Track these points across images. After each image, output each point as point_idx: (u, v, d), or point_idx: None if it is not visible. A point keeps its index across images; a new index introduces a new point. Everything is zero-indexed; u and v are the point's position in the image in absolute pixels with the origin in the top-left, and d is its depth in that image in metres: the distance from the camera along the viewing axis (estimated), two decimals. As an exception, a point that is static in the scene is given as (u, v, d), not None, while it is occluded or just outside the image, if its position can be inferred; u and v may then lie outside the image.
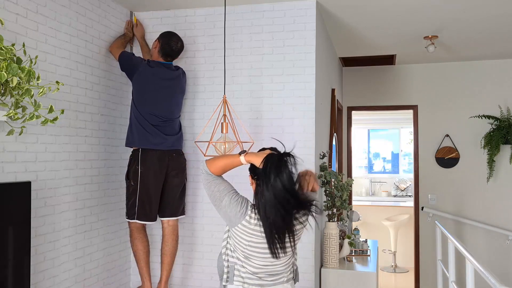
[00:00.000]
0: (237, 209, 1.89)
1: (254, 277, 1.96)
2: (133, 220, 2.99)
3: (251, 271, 1.95)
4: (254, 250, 1.92)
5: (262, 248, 1.92)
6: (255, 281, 1.96)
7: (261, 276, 1.96)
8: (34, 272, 2.42)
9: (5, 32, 2.21)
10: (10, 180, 2.26)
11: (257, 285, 1.96)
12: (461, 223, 5.26)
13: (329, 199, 3.48)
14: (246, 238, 1.91)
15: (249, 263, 1.95)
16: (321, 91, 3.52)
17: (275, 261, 1.95)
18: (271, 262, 1.94)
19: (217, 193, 1.93)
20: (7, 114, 1.98)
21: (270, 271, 1.97)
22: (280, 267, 1.98)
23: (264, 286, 1.97)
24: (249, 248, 1.92)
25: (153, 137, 2.97)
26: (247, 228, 1.89)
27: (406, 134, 8.08)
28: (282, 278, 2.00)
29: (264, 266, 1.95)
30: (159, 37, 3.13)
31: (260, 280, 1.96)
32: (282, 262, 1.98)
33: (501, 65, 5.22)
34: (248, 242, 1.91)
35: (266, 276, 1.97)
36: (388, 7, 3.37)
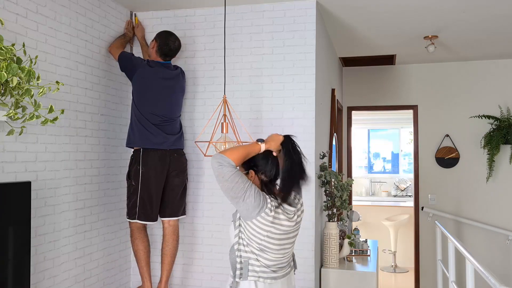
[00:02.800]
0: (260, 199, 1.91)
1: (268, 270, 1.98)
2: (134, 220, 2.99)
3: (266, 264, 1.98)
4: (271, 242, 1.95)
5: (279, 240, 1.96)
6: (269, 274, 1.98)
7: (274, 270, 2.00)
8: (34, 272, 2.42)
9: (5, 32, 2.21)
10: (10, 180, 2.26)
11: (271, 278, 1.98)
12: (461, 223, 5.26)
13: (329, 199, 3.48)
14: (265, 229, 1.93)
15: (264, 256, 1.97)
16: (321, 91, 3.52)
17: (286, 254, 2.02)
18: (283, 254, 2.01)
19: (242, 184, 1.89)
20: (7, 114, 1.98)
21: (281, 265, 2.03)
22: (287, 258, 2.06)
23: (277, 278, 2.01)
24: (266, 240, 1.94)
25: (155, 136, 2.98)
26: (267, 219, 1.92)
27: (406, 134, 8.08)
28: (288, 269, 2.07)
29: (277, 258, 2.00)
30: (156, 37, 3.13)
31: (274, 273, 1.99)
32: (289, 252, 2.05)
33: (501, 65, 5.22)
34: (267, 233, 1.93)
35: (278, 269, 2.01)
36: (388, 7, 3.37)
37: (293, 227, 2.01)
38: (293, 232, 2.02)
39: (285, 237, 1.99)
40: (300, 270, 3.15)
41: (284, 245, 2.00)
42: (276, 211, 1.94)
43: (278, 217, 1.95)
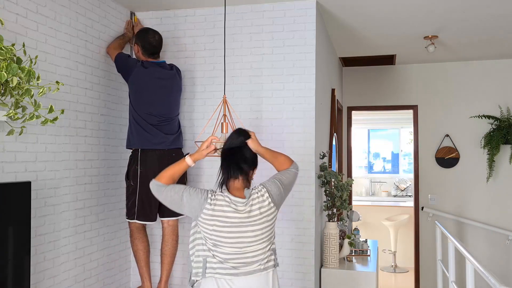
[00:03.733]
0: (198, 197, 2.00)
1: (225, 266, 1.99)
2: (133, 220, 2.99)
3: (222, 259, 1.99)
4: (220, 235, 1.98)
5: (227, 233, 1.97)
6: (228, 270, 1.98)
7: (234, 265, 1.99)
8: (34, 272, 2.42)
9: (5, 32, 2.21)
10: (10, 180, 2.26)
11: (230, 274, 1.98)
12: (461, 223, 5.26)
13: (329, 199, 3.48)
14: (210, 223, 1.98)
15: (218, 250, 2.00)
16: (321, 91, 3.52)
17: (246, 248, 1.99)
18: (240, 248, 1.98)
19: (175, 194, 2.02)
20: (7, 114, 1.98)
21: (243, 260, 2.00)
22: (252, 254, 2.01)
23: (239, 275, 1.98)
24: (214, 234, 1.98)
25: (153, 136, 2.97)
26: (209, 214, 1.98)
27: (406, 134, 8.08)
28: (258, 266, 2.02)
29: (233, 253, 1.99)
30: (136, 40, 3.12)
31: (233, 270, 1.98)
32: (254, 249, 2.01)
33: (501, 65, 5.22)
34: (212, 227, 1.98)
35: (240, 265, 1.99)
36: (388, 7, 3.37)
37: (246, 219, 1.98)
38: (248, 225, 1.99)
39: (236, 230, 1.97)
40: (300, 270, 3.15)
41: (239, 238, 1.98)
42: (218, 203, 1.99)
43: (222, 209, 1.98)
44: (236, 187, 2.06)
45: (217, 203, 2.00)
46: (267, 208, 2.04)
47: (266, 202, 2.04)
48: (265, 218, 2.03)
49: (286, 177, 2.13)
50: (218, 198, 2.02)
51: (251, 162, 2.10)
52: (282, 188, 2.09)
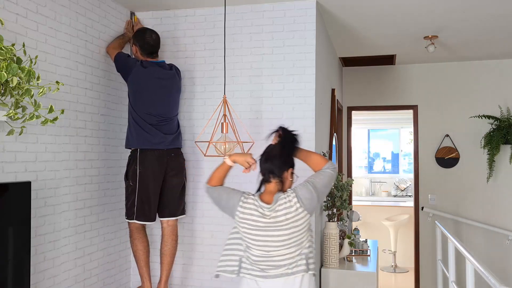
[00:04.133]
0: (234, 199, 2.11)
1: (255, 268, 2.06)
2: (132, 220, 2.99)
3: (253, 260, 2.07)
4: (250, 238, 2.06)
5: (255, 236, 2.04)
6: (257, 272, 2.05)
7: (263, 268, 2.05)
8: (34, 272, 2.42)
9: (5, 32, 2.21)
10: (10, 180, 2.26)
11: (259, 276, 2.04)
12: (461, 223, 5.26)
13: (329, 199, 3.48)
14: (242, 225, 2.08)
15: (250, 252, 2.07)
16: (321, 91, 3.52)
17: (273, 252, 2.03)
18: (267, 252, 2.03)
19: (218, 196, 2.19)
20: (7, 114, 1.98)
21: (270, 263, 2.04)
22: (280, 258, 2.03)
23: (267, 277, 2.03)
24: (246, 236, 2.07)
25: (152, 136, 2.97)
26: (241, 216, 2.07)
27: (406, 134, 8.08)
28: (286, 270, 2.03)
29: (261, 256, 2.05)
30: (133, 41, 3.12)
31: (262, 272, 2.04)
32: (281, 253, 2.03)
33: (501, 65, 5.22)
34: (243, 229, 2.08)
35: (268, 268, 2.04)
36: (388, 7, 3.37)
37: (272, 224, 2.01)
38: (274, 229, 2.01)
39: (263, 234, 2.02)
40: (300, 270, 3.15)
41: (266, 242, 2.02)
42: (247, 207, 2.07)
43: (250, 213, 2.05)
44: (269, 191, 2.11)
45: (246, 206, 2.07)
46: (295, 214, 2.02)
47: (294, 207, 2.02)
48: (292, 224, 2.02)
49: (320, 179, 2.08)
50: (248, 201, 2.09)
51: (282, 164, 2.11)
52: (314, 191, 2.04)
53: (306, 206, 2.03)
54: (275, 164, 2.10)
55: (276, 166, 2.10)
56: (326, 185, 2.10)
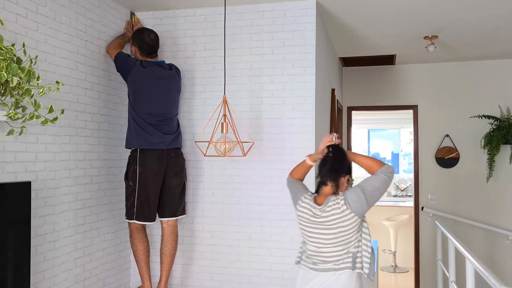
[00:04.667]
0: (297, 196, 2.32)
1: (309, 261, 2.27)
2: (132, 220, 2.99)
3: (308, 254, 2.28)
4: (304, 233, 2.27)
5: (308, 232, 2.24)
6: (309, 264, 2.26)
7: (314, 261, 2.24)
8: (34, 272, 2.42)
9: (5, 32, 2.21)
10: (10, 180, 2.26)
11: (310, 268, 2.26)
12: (461, 223, 5.26)
13: (329, 199, 3.48)
14: (299, 221, 2.29)
15: (306, 247, 2.29)
16: (321, 91, 3.52)
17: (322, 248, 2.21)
18: (318, 248, 2.22)
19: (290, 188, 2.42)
20: (7, 114, 1.98)
21: (320, 258, 2.23)
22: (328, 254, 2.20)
23: (317, 270, 2.23)
24: (303, 232, 2.28)
25: (152, 136, 2.97)
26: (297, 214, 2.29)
27: (406, 134, 8.09)
28: (332, 266, 2.20)
29: (314, 251, 2.24)
30: (132, 42, 3.12)
31: (313, 265, 2.25)
32: (329, 250, 2.20)
33: (501, 65, 5.22)
34: (300, 225, 2.28)
35: (318, 262, 2.23)
36: (388, 7, 3.37)
37: (321, 223, 2.19)
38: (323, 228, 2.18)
39: (314, 231, 2.21)
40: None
41: (316, 239, 2.21)
42: (303, 205, 2.26)
43: (305, 211, 2.25)
44: (325, 193, 2.26)
45: (303, 205, 2.26)
46: (342, 215, 2.15)
47: (341, 209, 2.15)
48: (339, 224, 2.15)
49: (371, 183, 2.19)
50: (305, 201, 2.27)
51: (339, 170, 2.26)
52: (363, 195, 2.16)
53: (353, 208, 2.15)
54: (333, 169, 2.25)
55: (334, 171, 2.25)
56: (377, 189, 2.19)
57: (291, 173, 2.48)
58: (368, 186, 2.18)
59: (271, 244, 3.20)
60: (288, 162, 3.18)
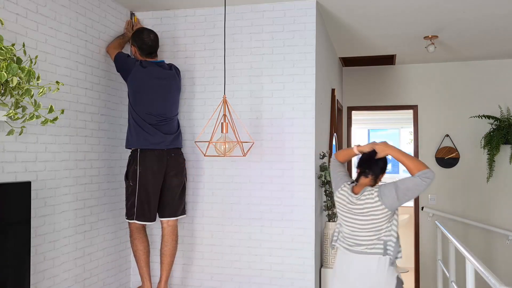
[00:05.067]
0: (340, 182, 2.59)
1: (345, 241, 2.52)
2: (132, 220, 2.99)
3: (343, 236, 2.54)
4: (341, 217, 2.55)
5: (345, 217, 2.51)
6: (345, 245, 2.52)
7: (349, 243, 2.50)
8: (34, 272, 2.42)
9: (5, 32, 2.21)
10: (10, 180, 2.26)
11: (345, 248, 2.51)
12: (461, 223, 5.26)
13: (329, 199, 3.48)
14: (337, 206, 2.57)
15: (342, 229, 2.56)
16: (321, 91, 3.52)
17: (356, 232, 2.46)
18: (352, 231, 2.48)
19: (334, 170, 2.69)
20: (7, 114, 1.98)
21: (354, 241, 2.48)
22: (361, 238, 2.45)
23: (351, 251, 2.48)
24: (339, 215, 2.56)
25: (152, 136, 2.97)
26: (336, 199, 2.57)
27: (406, 134, 8.08)
28: (365, 249, 2.44)
29: (349, 233, 2.50)
30: (132, 42, 3.12)
31: (348, 246, 2.50)
32: (363, 235, 2.45)
33: (501, 65, 5.22)
34: (338, 210, 2.56)
35: (352, 245, 2.48)
36: (388, 7, 3.37)
37: (356, 210, 2.44)
38: (357, 214, 2.44)
39: (349, 216, 2.48)
40: (300, 270, 3.15)
41: (351, 223, 2.47)
42: (342, 193, 2.54)
43: (342, 198, 2.52)
44: (362, 183, 2.52)
45: (342, 192, 2.54)
46: (374, 206, 2.39)
47: (374, 200, 2.39)
48: (372, 213, 2.40)
49: (405, 183, 2.38)
50: (344, 189, 2.54)
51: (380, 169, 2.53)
52: (395, 191, 2.37)
53: (385, 202, 2.38)
54: (378, 165, 2.52)
55: (378, 167, 2.53)
56: (409, 189, 2.37)
57: (336, 155, 2.76)
58: (402, 185, 2.38)
59: (271, 244, 3.20)
60: (288, 162, 3.18)
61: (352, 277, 2.47)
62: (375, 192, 2.41)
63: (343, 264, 2.53)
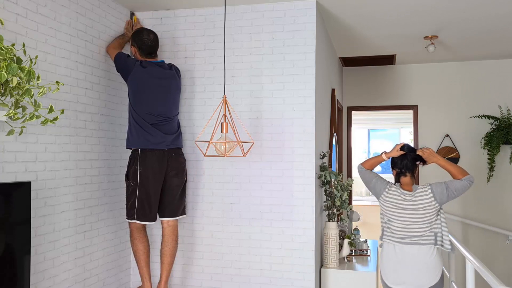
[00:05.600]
0: (382, 184, 3.02)
1: (395, 235, 2.92)
2: (133, 220, 2.99)
3: (394, 230, 2.93)
4: (392, 214, 2.94)
5: (397, 213, 2.91)
6: (397, 239, 2.91)
7: (402, 236, 2.89)
8: (34, 272, 2.42)
9: (5, 32, 2.21)
10: (10, 180, 2.26)
11: (397, 242, 2.90)
12: (461, 223, 5.27)
13: (329, 199, 3.48)
14: (386, 205, 2.97)
15: (391, 224, 2.95)
16: (321, 91, 3.52)
17: (410, 225, 2.86)
18: (406, 225, 2.88)
19: (369, 177, 3.09)
20: (7, 114, 1.98)
21: (408, 233, 2.88)
22: (416, 231, 2.86)
23: (403, 243, 2.87)
24: (389, 213, 2.96)
25: (153, 136, 2.97)
26: (385, 199, 2.97)
27: (406, 134, 8.09)
28: (418, 240, 2.85)
29: (401, 227, 2.89)
30: (132, 42, 3.12)
31: (400, 239, 2.89)
32: (417, 227, 2.86)
33: (501, 65, 5.22)
34: (388, 208, 2.96)
35: (405, 237, 2.88)
36: (388, 7, 3.37)
37: (410, 205, 2.87)
38: (412, 209, 2.87)
39: (403, 212, 2.89)
40: (300, 270, 3.15)
41: (405, 218, 2.88)
42: (391, 193, 2.95)
43: (394, 197, 2.93)
44: (406, 183, 2.97)
45: (391, 193, 2.95)
46: (428, 202, 2.85)
47: (428, 196, 2.85)
48: (425, 208, 2.85)
49: (455, 184, 2.86)
50: (392, 189, 2.96)
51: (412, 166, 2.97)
52: (446, 189, 2.85)
53: (437, 198, 2.84)
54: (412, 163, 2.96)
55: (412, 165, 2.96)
56: (457, 190, 2.86)
57: (364, 164, 3.11)
58: (452, 186, 2.86)
59: (271, 244, 3.21)
60: (288, 162, 3.18)
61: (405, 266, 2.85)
62: (428, 189, 2.87)
63: (396, 255, 2.90)
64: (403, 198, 2.89)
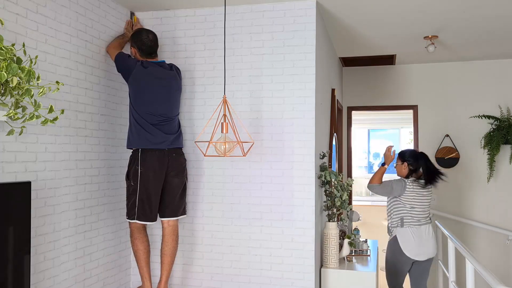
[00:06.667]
0: (400, 185, 3.72)
1: (415, 219, 3.67)
2: (133, 220, 2.99)
3: (414, 215, 3.68)
4: (416, 201, 3.69)
5: (420, 200, 3.69)
6: (416, 222, 3.67)
7: (419, 219, 3.68)
8: (34, 272, 2.43)
9: (5, 32, 2.21)
10: (10, 180, 2.26)
11: (416, 224, 3.67)
12: (461, 223, 5.26)
13: (329, 199, 3.48)
14: (411, 195, 3.69)
15: (414, 210, 3.68)
16: (321, 91, 3.52)
17: (426, 208, 3.72)
18: (423, 209, 3.70)
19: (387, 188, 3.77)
20: (7, 114, 1.98)
21: (423, 216, 3.69)
22: (427, 213, 3.74)
23: (421, 225, 3.68)
24: (414, 201, 3.68)
25: (153, 136, 2.97)
26: (409, 191, 3.69)
27: (406, 134, 8.09)
28: (429, 220, 3.75)
29: (420, 211, 3.68)
30: (131, 43, 3.11)
31: (418, 222, 3.68)
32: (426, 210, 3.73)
33: (501, 65, 5.22)
34: (413, 197, 3.69)
35: (421, 219, 3.69)
36: (388, 7, 3.37)
37: (427, 194, 3.74)
38: (428, 196, 3.74)
39: (423, 199, 3.71)
40: (300, 270, 3.16)
41: (424, 203, 3.71)
42: (414, 185, 3.71)
43: (415, 188, 3.71)
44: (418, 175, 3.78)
45: (410, 185, 3.70)
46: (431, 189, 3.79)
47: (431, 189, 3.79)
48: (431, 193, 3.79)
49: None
50: (410, 183, 3.70)
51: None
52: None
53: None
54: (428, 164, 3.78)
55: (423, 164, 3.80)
56: None
57: (373, 182, 3.81)
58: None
59: (271, 244, 3.21)
60: (288, 162, 3.18)
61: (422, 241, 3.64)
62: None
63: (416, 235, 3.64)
64: (422, 187, 3.72)
